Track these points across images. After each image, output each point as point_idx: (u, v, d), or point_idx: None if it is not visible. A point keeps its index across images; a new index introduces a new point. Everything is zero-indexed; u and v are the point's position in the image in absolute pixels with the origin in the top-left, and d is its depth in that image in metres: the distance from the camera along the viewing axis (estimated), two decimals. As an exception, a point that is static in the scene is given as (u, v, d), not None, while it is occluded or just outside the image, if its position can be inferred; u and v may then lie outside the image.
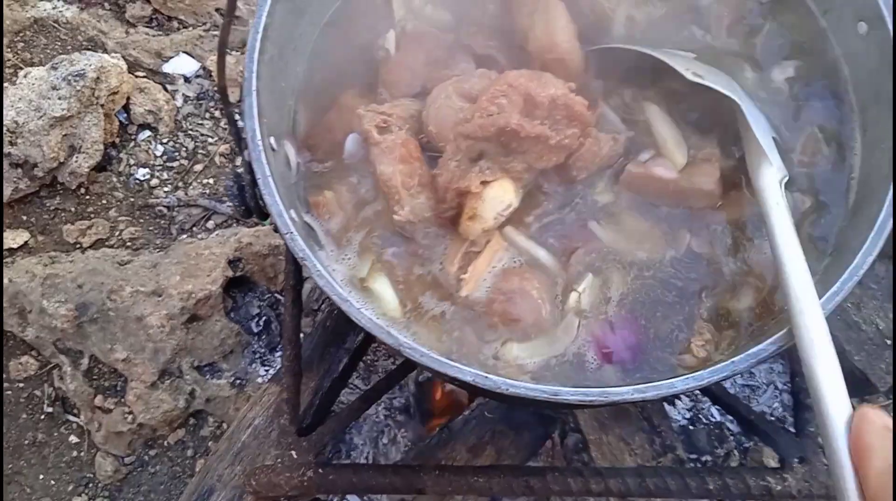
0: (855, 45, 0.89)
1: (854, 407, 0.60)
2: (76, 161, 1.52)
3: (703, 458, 1.43)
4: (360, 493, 1.44)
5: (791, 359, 1.11)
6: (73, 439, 1.55)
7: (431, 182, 0.85)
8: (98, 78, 1.50)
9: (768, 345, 0.69)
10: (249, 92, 0.80)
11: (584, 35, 0.94)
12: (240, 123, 0.89)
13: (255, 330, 1.57)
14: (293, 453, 1.07)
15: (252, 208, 0.84)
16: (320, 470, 1.04)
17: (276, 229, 0.77)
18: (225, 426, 1.54)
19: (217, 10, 1.64)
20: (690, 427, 1.45)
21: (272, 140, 0.83)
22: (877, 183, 0.82)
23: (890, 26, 0.83)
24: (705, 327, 0.82)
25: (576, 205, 0.87)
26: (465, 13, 0.98)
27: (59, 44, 1.68)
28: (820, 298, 0.69)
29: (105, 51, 1.65)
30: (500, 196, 0.81)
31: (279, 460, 1.06)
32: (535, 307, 0.83)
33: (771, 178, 0.80)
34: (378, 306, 0.81)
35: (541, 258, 0.85)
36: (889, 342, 1.36)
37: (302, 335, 1.13)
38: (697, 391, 1.48)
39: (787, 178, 0.81)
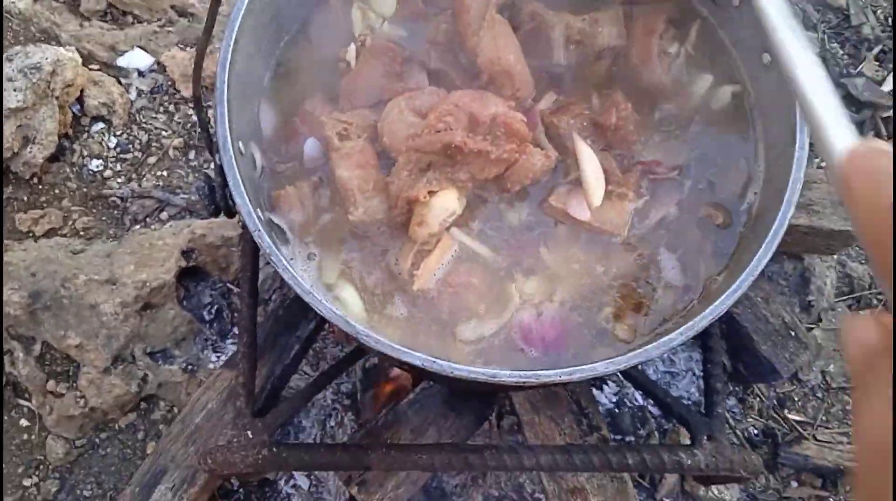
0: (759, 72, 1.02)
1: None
2: (30, 152, 1.55)
3: (627, 438, 1.56)
4: (311, 470, 1.52)
5: (704, 348, 1.24)
6: (24, 422, 1.59)
7: (385, 187, 0.94)
8: (54, 71, 1.53)
9: (677, 335, 0.80)
10: (221, 101, 0.87)
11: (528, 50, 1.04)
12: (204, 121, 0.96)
13: (207, 318, 1.63)
14: (248, 433, 1.14)
15: (221, 208, 0.91)
16: (274, 449, 1.12)
17: (243, 228, 0.85)
18: (176, 410, 1.60)
19: (172, 6, 1.68)
20: (616, 410, 1.58)
21: (240, 144, 0.90)
22: (774, 194, 0.94)
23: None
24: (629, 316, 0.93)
25: (512, 218, 0.97)
26: (419, 31, 1.07)
27: (12, 35, 1.70)
28: (722, 295, 0.81)
29: (59, 43, 1.68)
30: (444, 205, 0.91)
31: (235, 440, 1.13)
32: (478, 297, 0.93)
33: None
34: (344, 310, 0.90)
35: (484, 255, 0.95)
36: (794, 333, 1.51)
37: (257, 323, 1.20)
38: (622, 378, 1.61)
39: None
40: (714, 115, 1.05)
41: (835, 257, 1.75)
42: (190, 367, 1.61)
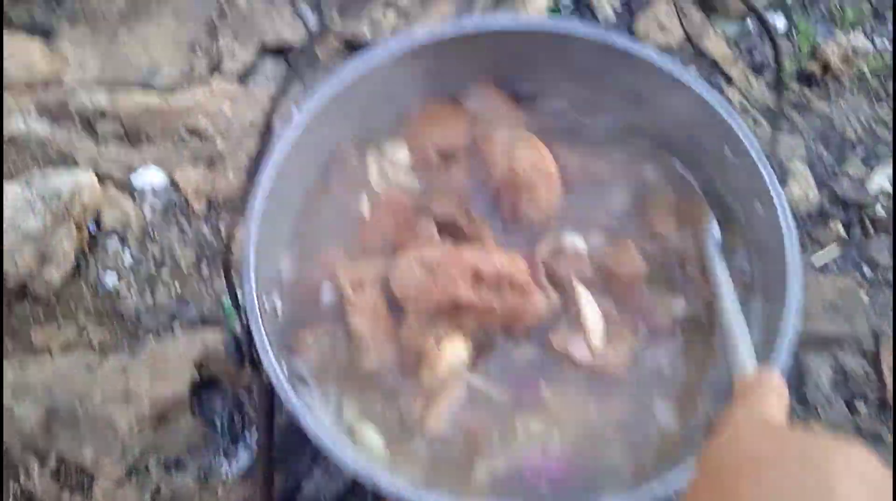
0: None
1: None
2: (47, 271, 1.61)
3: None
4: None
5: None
6: (39, 536, 1.61)
7: (396, 335, 1.01)
8: (72, 196, 1.61)
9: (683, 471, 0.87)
10: (248, 264, 0.94)
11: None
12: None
13: (219, 427, 1.68)
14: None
15: (247, 361, 0.97)
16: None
17: (269, 383, 0.91)
18: (188, 521, 1.63)
19: (185, 128, 1.77)
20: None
21: (265, 299, 0.97)
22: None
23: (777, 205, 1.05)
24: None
25: (518, 356, 1.04)
26: (433, 180, 1.16)
27: (31, 157, 1.78)
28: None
29: (76, 164, 1.76)
30: (452, 352, 0.98)
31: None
32: (487, 436, 1.00)
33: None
34: (364, 449, 0.96)
35: (490, 394, 1.02)
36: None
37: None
38: None
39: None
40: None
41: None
42: (203, 475, 1.65)
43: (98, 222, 1.72)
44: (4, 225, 1.57)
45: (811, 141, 2.06)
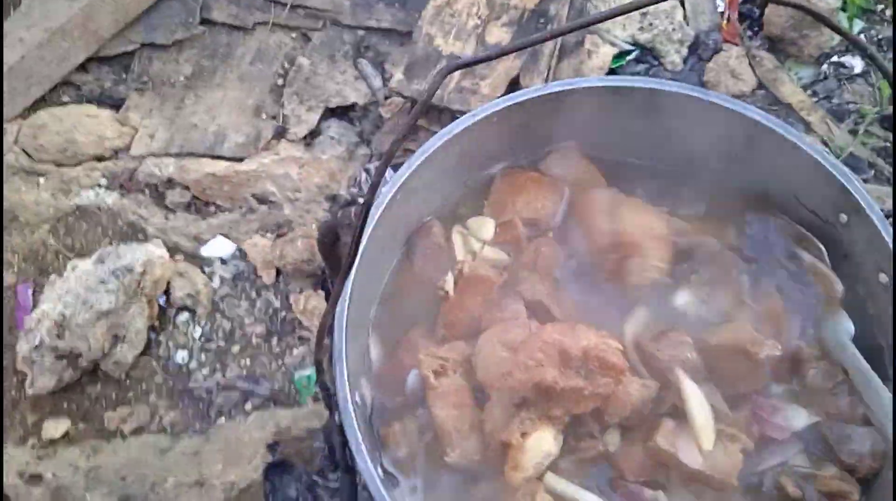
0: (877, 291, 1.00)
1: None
2: (120, 351, 1.58)
3: None
4: None
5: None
6: None
7: (480, 425, 0.93)
8: (144, 271, 1.58)
9: None
10: (340, 358, 0.87)
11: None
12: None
13: (293, 512, 1.60)
14: None
15: (340, 464, 0.90)
16: None
17: (365, 488, 0.84)
18: None
19: (253, 195, 1.74)
20: None
21: (357, 396, 0.90)
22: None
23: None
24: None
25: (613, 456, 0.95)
26: (521, 255, 1.08)
27: (101, 229, 1.77)
28: None
29: (145, 236, 1.74)
30: (539, 447, 0.89)
31: None
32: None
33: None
34: None
35: None
36: None
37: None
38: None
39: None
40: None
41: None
42: (276, 564, 1.57)
43: (168, 295, 1.68)
44: (75, 303, 1.55)
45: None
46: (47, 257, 1.76)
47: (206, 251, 1.75)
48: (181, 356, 1.65)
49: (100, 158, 1.89)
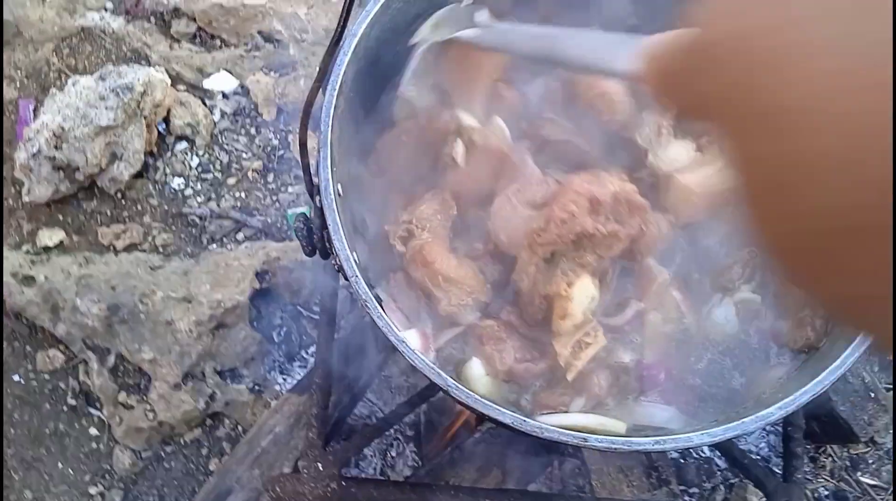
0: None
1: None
2: (117, 168, 1.59)
3: (692, 490, 1.52)
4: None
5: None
6: (94, 431, 1.62)
7: (461, 268, 0.93)
8: (144, 91, 1.57)
9: (776, 410, 0.78)
10: (325, 143, 0.88)
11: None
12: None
13: (277, 340, 1.65)
14: (319, 465, 1.15)
15: (318, 249, 0.92)
16: (343, 483, 1.13)
17: (339, 271, 0.85)
18: (241, 429, 1.62)
19: (259, 32, 1.71)
20: (681, 462, 1.54)
21: (339, 187, 0.90)
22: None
23: None
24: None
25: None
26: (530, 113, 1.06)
27: (104, 53, 1.76)
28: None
29: (149, 63, 1.73)
30: (584, 292, 0.89)
31: (305, 470, 1.14)
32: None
33: None
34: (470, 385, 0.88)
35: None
36: (873, 394, 1.46)
37: (334, 355, 1.21)
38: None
39: None
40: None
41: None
42: (257, 387, 1.63)
43: (168, 123, 1.68)
44: (75, 117, 1.55)
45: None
46: (50, 75, 1.75)
47: (208, 84, 1.74)
48: (177, 182, 1.67)
49: (107, -18, 1.86)
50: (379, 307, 0.82)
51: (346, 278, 0.82)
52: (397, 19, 0.99)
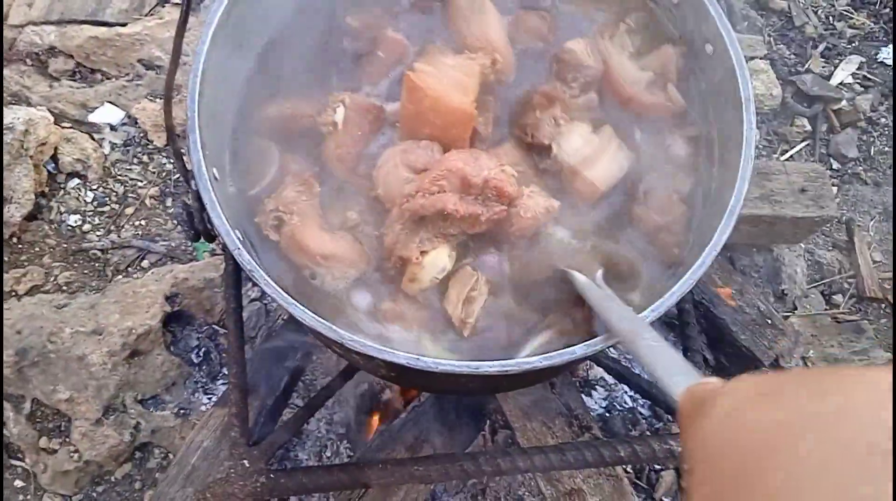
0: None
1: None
2: (8, 211, 1.57)
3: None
4: (309, 493, 1.51)
5: (682, 339, 1.28)
6: (19, 483, 1.58)
7: (337, 243, 0.96)
8: (26, 130, 1.56)
9: (648, 312, 0.84)
10: (193, 129, 0.90)
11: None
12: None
13: (196, 361, 1.64)
14: (245, 462, 1.15)
15: (200, 232, 0.94)
16: (272, 475, 1.13)
17: (223, 249, 0.87)
18: (171, 456, 1.60)
19: (139, 60, 1.72)
20: (607, 414, 1.60)
21: (214, 171, 0.93)
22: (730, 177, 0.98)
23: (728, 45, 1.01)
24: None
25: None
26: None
27: (-18, 100, 1.73)
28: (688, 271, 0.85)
29: (30, 105, 1.71)
30: (435, 263, 0.94)
31: (232, 470, 1.14)
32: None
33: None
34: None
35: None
36: (770, 321, 1.55)
37: (246, 353, 1.21)
38: (613, 381, 1.64)
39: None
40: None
41: (802, 246, 1.80)
42: (182, 411, 1.61)
43: (56, 162, 1.67)
44: (-43, 166, 1.53)
45: (770, 38, 2.03)
46: (-73, 130, 1.72)
47: (94, 118, 1.73)
48: (74, 219, 1.65)
49: (-24, 30, 1.83)
50: (265, 276, 0.84)
51: (229, 251, 0.84)
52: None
